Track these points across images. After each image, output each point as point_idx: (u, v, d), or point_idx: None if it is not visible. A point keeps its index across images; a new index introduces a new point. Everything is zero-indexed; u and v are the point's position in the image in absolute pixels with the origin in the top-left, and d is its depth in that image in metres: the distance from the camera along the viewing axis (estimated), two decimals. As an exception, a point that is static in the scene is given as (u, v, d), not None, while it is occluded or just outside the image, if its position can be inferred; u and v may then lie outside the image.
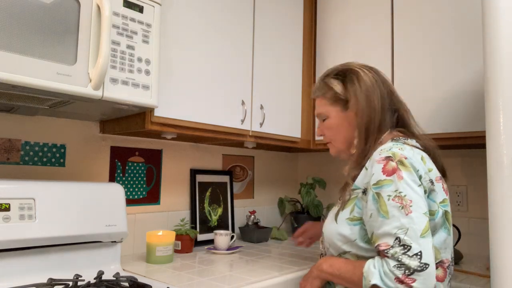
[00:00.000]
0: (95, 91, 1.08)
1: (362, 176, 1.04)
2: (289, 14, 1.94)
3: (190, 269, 1.38)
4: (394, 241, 0.91)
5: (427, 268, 0.87)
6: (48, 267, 1.18)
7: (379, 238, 0.94)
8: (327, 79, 1.19)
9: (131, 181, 1.65)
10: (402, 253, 0.89)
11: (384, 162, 0.98)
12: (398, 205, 0.93)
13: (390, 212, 0.93)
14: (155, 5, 1.25)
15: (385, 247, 0.92)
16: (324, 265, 1.07)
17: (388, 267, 0.89)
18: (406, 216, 0.91)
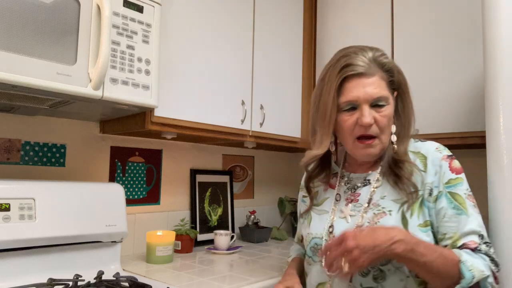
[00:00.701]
0: (95, 91, 1.08)
1: (419, 177, 0.94)
2: (289, 14, 1.94)
3: (190, 269, 1.38)
4: (480, 239, 0.89)
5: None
6: (48, 267, 1.18)
7: (464, 237, 0.89)
8: (382, 59, 0.97)
9: (131, 181, 1.65)
10: (489, 250, 0.88)
11: (449, 160, 0.94)
12: (472, 203, 0.92)
13: (468, 210, 0.90)
14: (155, 5, 1.25)
15: (474, 245, 0.87)
16: (401, 246, 0.80)
17: (488, 263, 0.86)
18: (478, 215, 0.92)
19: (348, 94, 0.94)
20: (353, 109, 0.95)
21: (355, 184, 1.02)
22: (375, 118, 0.94)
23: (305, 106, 2.00)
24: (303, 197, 1.15)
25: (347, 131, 0.96)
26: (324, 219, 1.02)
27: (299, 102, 1.96)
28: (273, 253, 1.70)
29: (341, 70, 0.95)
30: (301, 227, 1.11)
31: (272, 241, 2.01)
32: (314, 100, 1.01)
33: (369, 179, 1.01)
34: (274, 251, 1.76)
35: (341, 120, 0.96)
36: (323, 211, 1.04)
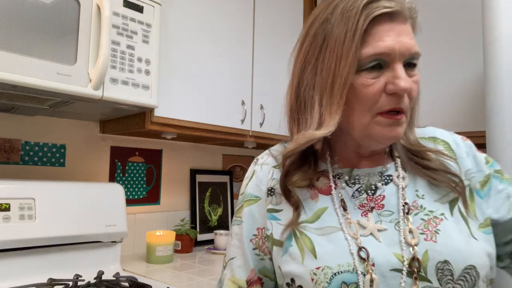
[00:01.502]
0: (95, 91, 1.08)
1: (454, 164, 0.70)
2: (289, 13, 1.94)
3: (190, 269, 1.38)
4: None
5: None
6: (48, 267, 1.18)
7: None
8: (415, 13, 0.68)
9: (131, 181, 1.65)
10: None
11: (469, 140, 0.75)
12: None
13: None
14: (155, 5, 1.25)
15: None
16: None
17: None
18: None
19: (378, 44, 0.60)
20: (379, 68, 0.62)
21: (369, 184, 0.69)
22: (411, 83, 0.63)
23: (305, 106, 2.00)
24: (271, 212, 0.71)
25: (366, 102, 0.62)
26: (341, 242, 0.63)
27: (299, 102, 1.96)
28: (273, 253, 1.70)
29: (365, 7, 0.61)
30: (278, 261, 0.67)
31: (272, 241, 2.01)
32: (306, 58, 0.68)
33: (390, 175, 0.69)
34: (274, 251, 1.76)
35: (358, 85, 0.62)
36: (328, 229, 0.65)
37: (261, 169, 0.78)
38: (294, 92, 0.73)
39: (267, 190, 0.73)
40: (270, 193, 0.72)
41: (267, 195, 0.72)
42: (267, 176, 0.75)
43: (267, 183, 0.74)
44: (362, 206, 0.68)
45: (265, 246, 0.71)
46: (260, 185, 0.75)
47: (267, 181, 0.74)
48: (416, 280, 0.58)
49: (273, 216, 0.71)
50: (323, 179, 0.72)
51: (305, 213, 0.69)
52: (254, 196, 0.74)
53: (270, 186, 0.73)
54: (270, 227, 0.70)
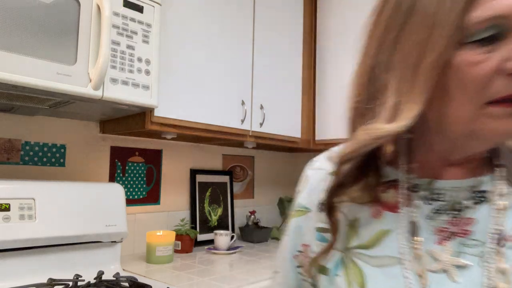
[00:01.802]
0: (95, 91, 1.08)
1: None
2: (289, 14, 1.94)
3: (190, 269, 1.38)
4: None
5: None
6: (48, 267, 1.18)
7: None
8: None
9: (131, 181, 1.65)
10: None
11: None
12: None
13: None
14: (155, 5, 1.25)
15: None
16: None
17: None
18: None
19: (497, 3, 0.41)
20: (493, 40, 0.42)
21: (455, 201, 0.51)
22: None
23: (305, 106, 2.00)
24: (320, 231, 0.57)
25: (473, 87, 0.43)
26: (399, 278, 0.48)
27: (299, 102, 1.96)
28: (273, 253, 1.70)
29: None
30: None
31: (272, 241, 2.01)
32: (384, 33, 0.48)
33: (484, 191, 0.50)
34: (274, 251, 1.76)
35: (461, 64, 0.43)
36: (386, 259, 0.50)
37: (315, 175, 0.61)
38: (365, 77, 0.51)
39: (318, 203, 0.57)
40: (322, 207, 0.55)
41: (319, 209, 0.57)
42: (320, 185, 0.58)
43: (319, 194, 0.57)
44: (440, 232, 0.49)
45: (309, 267, 0.57)
46: (312, 194, 0.59)
47: (319, 191, 0.57)
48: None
49: (322, 237, 0.56)
50: (392, 192, 0.53)
51: (361, 235, 0.53)
52: (303, 207, 0.60)
53: (303, 201, 0.59)
54: (316, 249, 0.56)
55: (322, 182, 0.57)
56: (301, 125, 1.97)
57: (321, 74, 2.04)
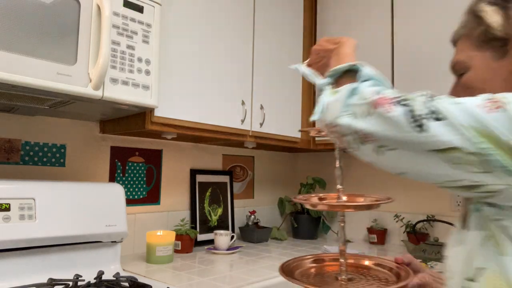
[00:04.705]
0: (95, 91, 1.08)
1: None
2: (289, 14, 1.94)
3: (190, 269, 1.38)
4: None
5: None
6: (48, 267, 1.18)
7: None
8: (477, 6, 0.68)
9: (131, 181, 1.65)
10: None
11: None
12: None
13: None
14: (155, 5, 1.25)
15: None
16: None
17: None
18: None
19: None
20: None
21: None
22: (457, 91, 0.71)
23: (305, 106, 2.00)
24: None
25: None
26: None
27: (299, 102, 1.96)
28: (273, 253, 1.70)
29: None
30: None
31: (272, 241, 2.01)
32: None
33: None
34: (274, 251, 1.76)
35: None
36: None
37: None
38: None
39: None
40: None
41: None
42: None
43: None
44: None
45: None
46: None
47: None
48: None
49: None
50: None
51: None
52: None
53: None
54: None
55: None
56: (301, 125, 1.96)
57: (321, 74, 2.03)
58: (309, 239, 2.10)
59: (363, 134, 0.56)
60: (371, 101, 0.56)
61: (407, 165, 0.55)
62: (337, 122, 0.59)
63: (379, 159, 0.57)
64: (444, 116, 0.51)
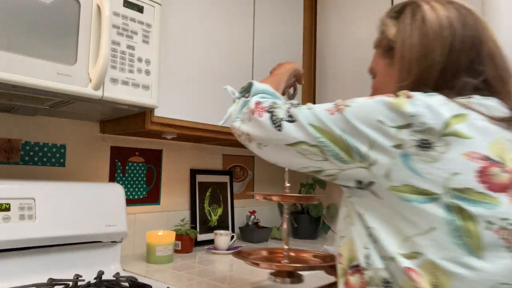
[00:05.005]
0: (95, 91, 1.08)
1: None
2: (289, 14, 1.94)
3: (190, 269, 1.38)
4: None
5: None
6: (48, 267, 1.18)
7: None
8: (383, 19, 0.81)
9: (131, 181, 1.65)
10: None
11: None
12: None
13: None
14: (155, 5, 1.25)
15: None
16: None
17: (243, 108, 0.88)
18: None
19: None
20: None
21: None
22: (371, 92, 0.87)
23: (305, 106, 2.00)
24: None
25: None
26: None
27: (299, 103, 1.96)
28: (273, 253, 1.70)
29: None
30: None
31: (272, 241, 2.01)
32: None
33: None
34: (274, 251, 1.76)
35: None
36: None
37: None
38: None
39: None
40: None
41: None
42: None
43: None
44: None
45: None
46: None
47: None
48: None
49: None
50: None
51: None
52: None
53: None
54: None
55: None
56: (301, 125, 1.96)
57: (321, 74, 2.04)
58: (309, 239, 2.10)
59: (247, 134, 0.76)
60: (251, 109, 0.75)
61: (276, 157, 0.75)
62: (233, 125, 0.81)
63: (260, 153, 0.77)
64: (295, 118, 0.68)
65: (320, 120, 0.66)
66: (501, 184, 0.59)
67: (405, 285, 0.60)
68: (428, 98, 0.62)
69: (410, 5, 0.75)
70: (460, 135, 0.60)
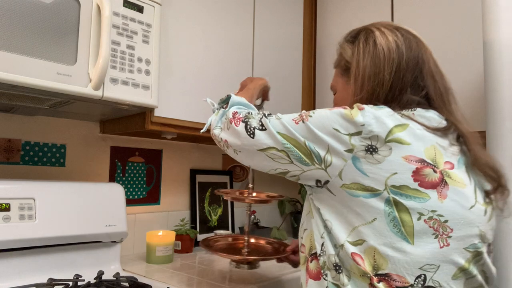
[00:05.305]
0: (95, 91, 1.08)
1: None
2: (289, 14, 1.94)
3: (190, 269, 1.38)
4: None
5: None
6: (48, 267, 1.18)
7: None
8: (341, 43, 0.96)
9: (131, 181, 1.65)
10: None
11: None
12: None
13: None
14: (155, 5, 1.25)
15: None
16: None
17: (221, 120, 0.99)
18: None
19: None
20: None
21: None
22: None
23: (305, 107, 2.00)
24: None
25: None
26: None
27: (299, 102, 1.96)
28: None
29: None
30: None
31: (272, 241, 2.01)
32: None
33: None
34: (274, 251, 1.76)
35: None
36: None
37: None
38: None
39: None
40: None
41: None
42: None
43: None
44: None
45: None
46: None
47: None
48: None
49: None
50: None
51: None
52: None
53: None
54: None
55: None
56: (301, 125, 1.96)
57: (321, 74, 2.04)
58: (309, 239, 2.10)
59: (225, 141, 0.86)
60: (229, 119, 0.85)
61: (249, 161, 0.83)
62: (213, 133, 0.90)
63: (236, 158, 0.86)
64: (266, 127, 0.79)
65: (286, 128, 0.77)
66: (432, 183, 0.71)
67: (351, 267, 0.73)
68: (376, 111, 0.74)
69: (364, 31, 0.89)
70: (400, 141, 0.72)
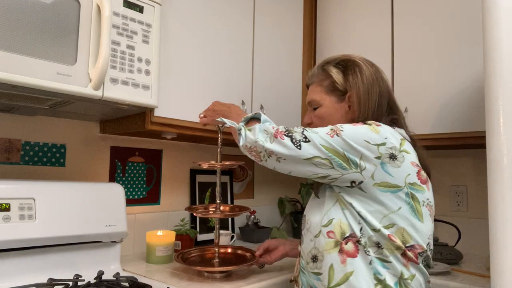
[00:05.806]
0: (95, 91, 1.08)
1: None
2: (289, 14, 1.94)
3: (190, 269, 1.37)
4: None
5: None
6: (48, 267, 1.18)
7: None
8: (327, 66, 1.16)
9: (131, 181, 1.65)
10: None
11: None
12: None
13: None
14: (155, 5, 1.25)
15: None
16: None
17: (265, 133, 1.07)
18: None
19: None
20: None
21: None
22: (311, 117, 1.19)
23: (305, 106, 2.00)
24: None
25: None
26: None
27: (299, 102, 1.96)
28: (273, 253, 1.70)
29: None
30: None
31: (272, 241, 2.01)
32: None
33: None
34: (274, 251, 1.76)
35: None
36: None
37: None
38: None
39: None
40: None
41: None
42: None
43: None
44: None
45: None
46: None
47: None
48: None
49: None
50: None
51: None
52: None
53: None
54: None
55: None
56: (300, 125, 1.96)
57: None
58: (309, 239, 2.10)
59: (270, 151, 0.97)
60: (272, 133, 0.98)
61: (292, 168, 0.98)
62: (256, 145, 0.99)
63: (278, 166, 0.99)
64: (310, 139, 0.95)
65: (326, 141, 0.95)
66: (425, 180, 1.00)
67: (387, 245, 0.95)
68: (387, 128, 1.00)
69: (352, 62, 1.12)
70: (407, 151, 0.98)
